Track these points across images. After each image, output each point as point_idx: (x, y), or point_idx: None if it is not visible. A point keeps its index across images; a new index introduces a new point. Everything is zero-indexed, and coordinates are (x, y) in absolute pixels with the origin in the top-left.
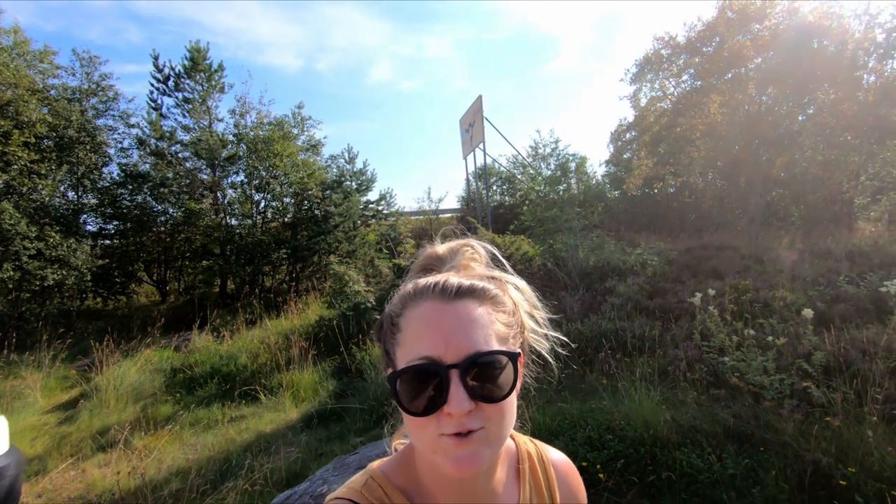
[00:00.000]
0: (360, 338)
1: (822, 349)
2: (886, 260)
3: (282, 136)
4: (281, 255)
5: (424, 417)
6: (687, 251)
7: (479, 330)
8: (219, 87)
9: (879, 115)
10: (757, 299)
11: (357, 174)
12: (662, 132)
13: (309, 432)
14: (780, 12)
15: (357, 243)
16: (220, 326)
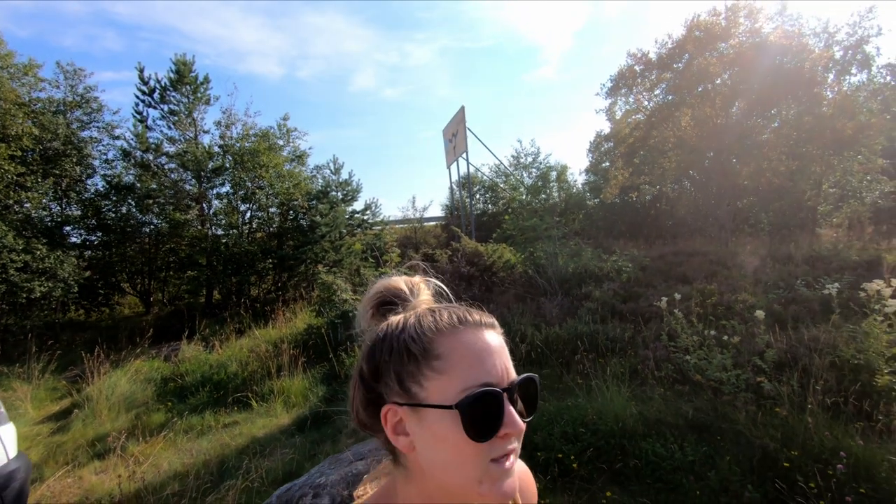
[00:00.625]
0: (349, 344)
1: (774, 347)
2: (843, 264)
3: (267, 148)
4: (267, 264)
5: (481, 444)
6: (660, 257)
7: (508, 358)
8: (205, 99)
9: (836, 128)
10: (721, 302)
11: (342, 184)
12: (637, 144)
13: (301, 435)
14: (743, 32)
15: (343, 252)
16: (208, 336)
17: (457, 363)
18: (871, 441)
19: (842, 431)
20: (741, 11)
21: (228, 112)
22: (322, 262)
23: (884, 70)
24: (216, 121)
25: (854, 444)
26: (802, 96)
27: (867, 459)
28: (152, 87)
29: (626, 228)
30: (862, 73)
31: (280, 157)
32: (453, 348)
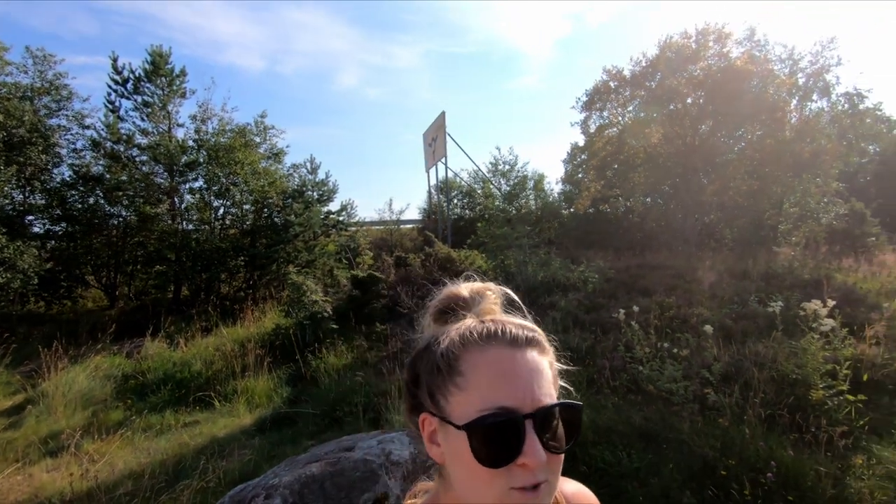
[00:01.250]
0: (316, 346)
1: (721, 360)
2: (795, 282)
3: (244, 145)
4: (239, 262)
5: (497, 469)
6: (625, 269)
7: (545, 381)
8: (180, 92)
9: (795, 151)
10: (678, 315)
11: (319, 184)
12: (609, 158)
13: (262, 436)
14: (712, 55)
15: (316, 253)
16: (173, 333)
17: (477, 381)
18: (801, 452)
19: (776, 442)
20: (711, 35)
21: (205, 106)
22: (294, 262)
23: (842, 98)
24: (192, 114)
25: (785, 454)
26: (766, 120)
27: (796, 469)
28: (126, 77)
29: (597, 239)
30: (822, 100)
31: (256, 154)
32: (475, 365)
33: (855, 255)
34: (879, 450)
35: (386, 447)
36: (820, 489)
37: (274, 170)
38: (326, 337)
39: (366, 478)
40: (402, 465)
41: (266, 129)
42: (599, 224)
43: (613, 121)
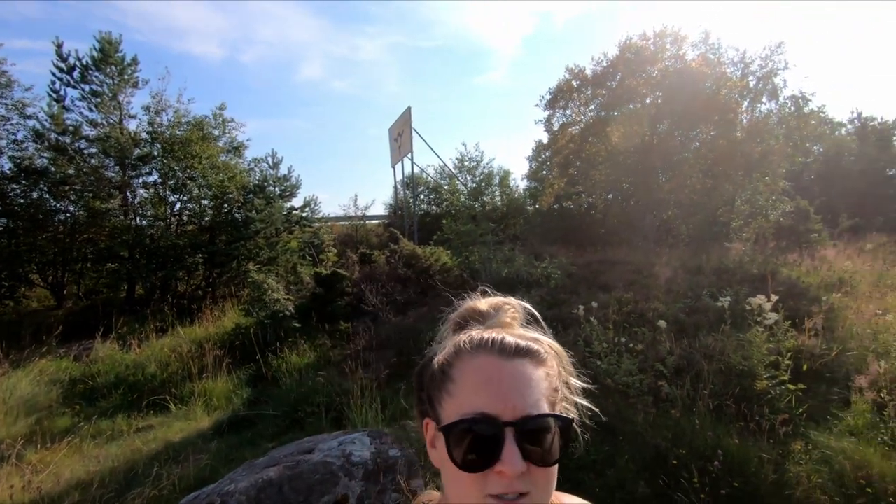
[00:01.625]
0: (278, 346)
1: (675, 354)
2: (745, 276)
3: (201, 138)
4: (197, 259)
5: (474, 474)
6: (587, 265)
7: (534, 391)
8: (132, 81)
9: (746, 151)
10: (635, 310)
11: (281, 179)
12: (572, 155)
13: (220, 439)
14: (669, 57)
15: (279, 250)
16: (126, 334)
17: (463, 387)
18: (746, 440)
19: (723, 431)
20: (668, 38)
21: (159, 97)
22: (255, 259)
23: (789, 101)
24: (145, 105)
25: (731, 442)
26: (719, 120)
27: (741, 456)
28: (72, 64)
29: (561, 235)
30: (771, 102)
31: (215, 148)
32: (464, 372)
33: (799, 250)
34: (816, 435)
35: (346, 448)
36: (762, 474)
37: (234, 164)
38: (288, 336)
39: (325, 480)
40: (363, 465)
41: (225, 121)
42: (563, 220)
43: (576, 119)
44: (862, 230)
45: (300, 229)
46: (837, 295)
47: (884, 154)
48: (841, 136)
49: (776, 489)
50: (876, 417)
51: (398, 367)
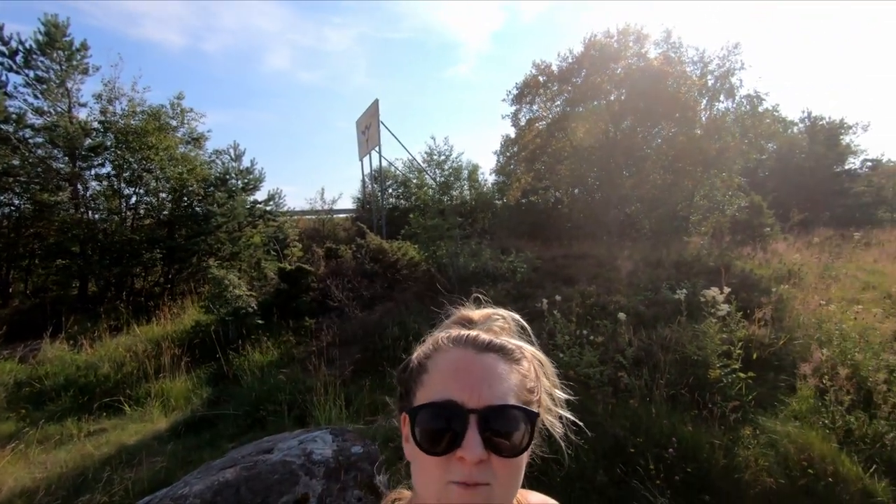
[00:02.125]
0: (240, 343)
1: (634, 345)
2: (702, 269)
3: (158, 128)
4: (155, 255)
5: (436, 458)
6: (552, 259)
7: (503, 385)
8: (81, 68)
9: (704, 148)
10: (598, 303)
11: (244, 172)
12: (538, 150)
13: (178, 441)
14: (632, 55)
15: (241, 245)
16: (77, 334)
17: (434, 376)
18: (699, 427)
19: (678, 419)
20: (631, 36)
21: (112, 85)
22: (217, 254)
23: (744, 100)
24: (96, 93)
25: (685, 429)
26: (679, 118)
27: (694, 443)
28: (14, 48)
29: (528, 229)
30: (728, 101)
31: (173, 139)
32: (437, 363)
33: (753, 243)
34: (764, 421)
35: (307, 447)
36: (714, 460)
37: (194, 156)
38: (251, 333)
39: (284, 480)
40: (324, 463)
41: (184, 111)
42: (530, 215)
43: (542, 114)
44: (811, 224)
45: (264, 223)
46: (786, 286)
47: (831, 152)
48: (792, 135)
49: (726, 473)
50: (818, 402)
51: (363, 363)
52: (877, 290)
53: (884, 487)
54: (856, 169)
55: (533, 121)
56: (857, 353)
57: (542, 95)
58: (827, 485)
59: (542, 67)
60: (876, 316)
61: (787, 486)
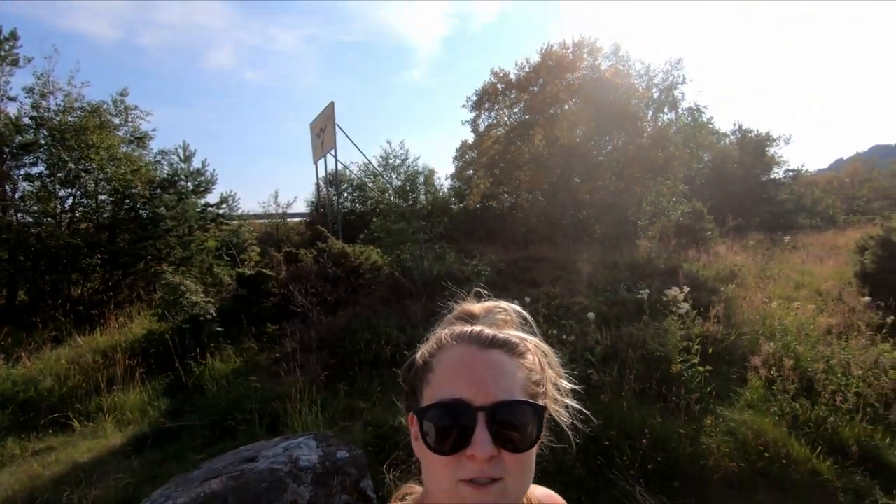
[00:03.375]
0: (199, 352)
1: (601, 343)
2: (654, 271)
3: (98, 126)
4: (95, 260)
5: (446, 457)
6: (514, 262)
7: (509, 379)
8: (10, 59)
9: (651, 157)
10: (563, 304)
11: (194, 174)
12: (497, 156)
13: (139, 456)
14: (586, 66)
15: (193, 249)
16: (10, 346)
17: (439, 374)
18: (666, 418)
19: (647, 412)
20: (585, 48)
21: (45, 78)
22: (167, 259)
23: (686, 112)
24: (27, 87)
25: (655, 421)
26: (629, 127)
27: (663, 433)
28: None
29: (486, 234)
30: (671, 112)
31: (115, 138)
32: (441, 361)
33: (696, 247)
34: (722, 410)
35: (293, 453)
36: (681, 448)
37: (138, 156)
38: (211, 341)
39: (273, 488)
40: (311, 469)
41: (127, 108)
42: (487, 219)
43: (501, 121)
44: (743, 229)
45: (217, 227)
46: (732, 286)
47: (759, 162)
48: (725, 146)
49: (693, 460)
50: (767, 392)
51: (336, 368)
52: (808, 288)
53: (828, 466)
54: (780, 178)
55: (492, 127)
56: (798, 346)
57: (501, 103)
58: (781, 466)
59: (501, 75)
60: (811, 312)
61: (746, 469)
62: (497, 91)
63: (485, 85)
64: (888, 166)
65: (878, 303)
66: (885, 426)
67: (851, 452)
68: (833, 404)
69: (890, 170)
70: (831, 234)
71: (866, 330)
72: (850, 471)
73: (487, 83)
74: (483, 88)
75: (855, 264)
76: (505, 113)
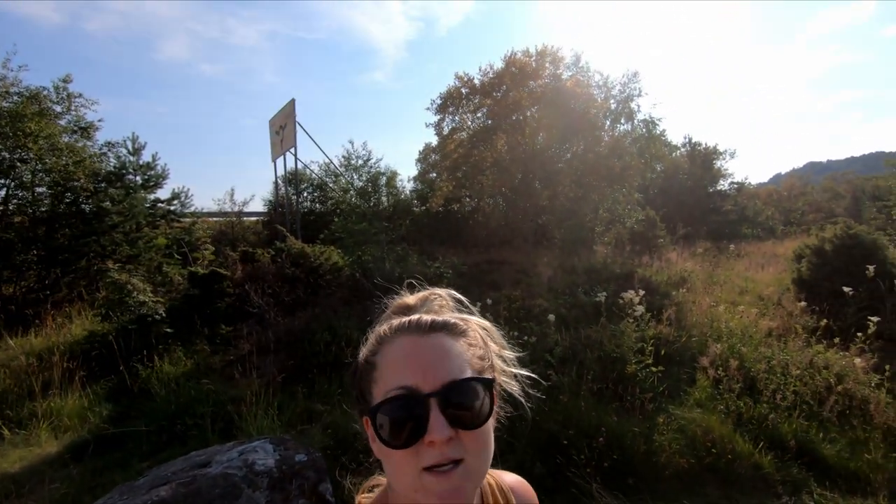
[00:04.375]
0: (146, 354)
1: (561, 345)
2: (610, 275)
3: (38, 113)
4: (30, 257)
5: (405, 450)
6: (475, 265)
7: (455, 360)
8: None
9: (608, 165)
10: (524, 307)
11: (144, 167)
12: (460, 160)
13: (78, 464)
14: (548, 75)
15: (141, 247)
16: None
17: (384, 370)
18: (622, 417)
19: (603, 411)
20: (547, 57)
21: None
22: (112, 256)
23: (641, 124)
24: None
25: (611, 420)
26: (588, 136)
27: (619, 431)
28: None
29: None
30: (627, 123)
31: (56, 127)
32: (384, 355)
33: (649, 253)
34: (673, 409)
35: (248, 457)
36: (636, 446)
37: (82, 147)
38: (159, 343)
39: (227, 494)
40: (267, 474)
41: (71, 96)
42: (449, 222)
43: (464, 125)
44: (693, 237)
45: (167, 224)
46: (682, 290)
47: (707, 174)
48: (676, 157)
49: (646, 457)
50: (714, 391)
51: (294, 370)
52: (750, 293)
53: (769, 460)
54: (725, 190)
55: (455, 130)
56: (743, 348)
57: (465, 107)
58: (727, 461)
59: (465, 80)
60: (754, 316)
61: (695, 465)
62: (461, 95)
63: (449, 88)
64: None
65: (813, 307)
66: (818, 422)
67: (790, 447)
68: (773, 402)
69: (822, 185)
70: (771, 243)
71: (802, 333)
72: (789, 464)
73: (452, 87)
74: (448, 92)
75: (792, 272)
76: (469, 117)
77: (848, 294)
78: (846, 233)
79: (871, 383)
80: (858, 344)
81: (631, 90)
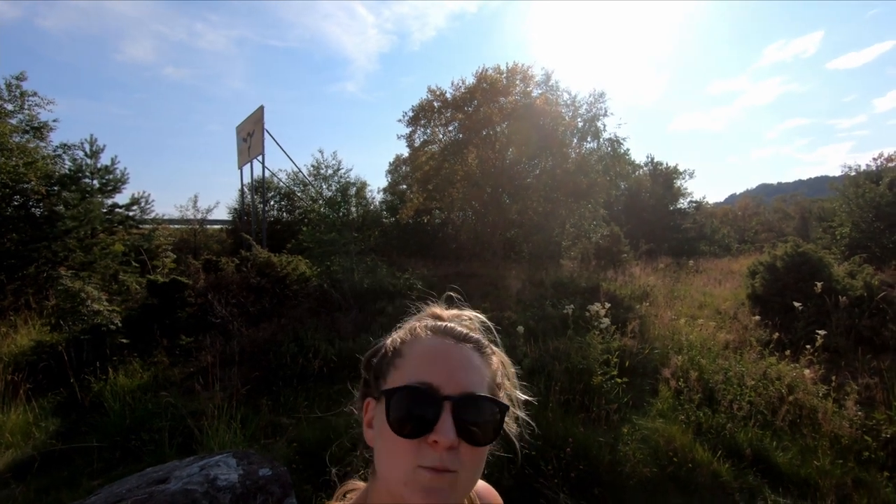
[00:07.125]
0: (99, 365)
1: (529, 357)
2: (576, 289)
3: None
4: None
5: (408, 441)
6: (445, 277)
7: (477, 375)
8: None
9: (576, 182)
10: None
11: (102, 171)
12: (431, 172)
13: (20, 483)
14: (518, 92)
15: (97, 253)
16: None
17: (410, 360)
18: (588, 428)
19: (570, 422)
20: (518, 75)
21: None
22: (65, 263)
23: (606, 142)
24: None
25: (578, 431)
26: (556, 153)
27: (585, 442)
28: None
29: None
30: (594, 142)
31: (6, 125)
32: (413, 348)
33: (614, 268)
34: (637, 419)
35: (210, 472)
36: (601, 456)
37: (34, 147)
38: (114, 354)
39: None
40: (230, 489)
41: (24, 94)
42: (419, 234)
43: (436, 138)
44: (655, 253)
45: (125, 230)
46: (646, 304)
47: (668, 193)
48: (639, 176)
49: (612, 467)
50: (676, 401)
51: (258, 382)
52: (709, 307)
53: (727, 468)
54: (684, 208)
55: (427, 143)
56: (702, 360)
57: (437, 120)
58: (687, 470)
59: (437, 93)
60: (712, 329)
61: (658, 474)
62: (433, 108)
63: (422, 101)
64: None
65: (766, 321)
66: (772, 431)
67: (746, 455)
68: (730, 412)
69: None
70: (727, 260)
71: (757, 345)
72: (745, 472)
73: (424, 100)
74: (420, 105)
75: (747, 287)
76: (440, 130)
77: (798, 309)
78: (795, 251)
79: (819, 393)
80: (807, 356)
81: (597, 110)
